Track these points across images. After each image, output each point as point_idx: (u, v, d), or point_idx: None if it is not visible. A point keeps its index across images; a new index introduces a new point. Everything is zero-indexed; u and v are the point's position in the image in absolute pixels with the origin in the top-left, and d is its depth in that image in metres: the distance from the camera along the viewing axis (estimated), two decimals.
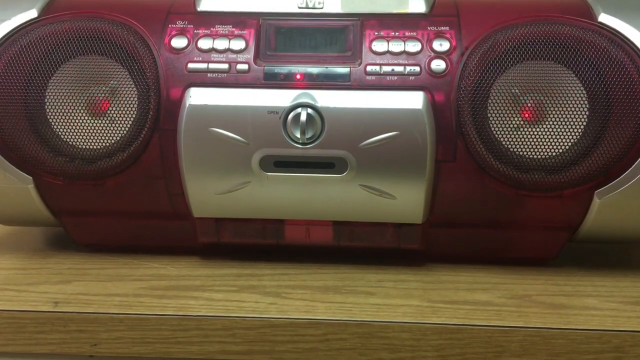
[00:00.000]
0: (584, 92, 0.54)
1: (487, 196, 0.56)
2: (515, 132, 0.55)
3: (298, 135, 0.54)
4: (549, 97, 0.54)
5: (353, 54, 0.56)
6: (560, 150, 0.55)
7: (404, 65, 0.55)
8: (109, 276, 0.58)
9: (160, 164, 0.57)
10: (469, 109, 0.54)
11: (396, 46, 0.56)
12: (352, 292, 0.55)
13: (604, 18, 0.55)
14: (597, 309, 0.52)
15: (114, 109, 0.57)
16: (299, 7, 0.59)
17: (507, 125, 0.55)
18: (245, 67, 0.56)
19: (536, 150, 0.55)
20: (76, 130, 0.57)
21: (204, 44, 0.57)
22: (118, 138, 0.57)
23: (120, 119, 0.57)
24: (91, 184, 0.58)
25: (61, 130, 0.57)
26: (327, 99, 0.54)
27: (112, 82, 0.57)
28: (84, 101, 0.57)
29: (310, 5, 0.58)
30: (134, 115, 0.56)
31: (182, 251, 0.63)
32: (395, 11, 0.58)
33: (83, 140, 0.57)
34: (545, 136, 0.54)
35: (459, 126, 0.54)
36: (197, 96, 0.55)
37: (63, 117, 0.57)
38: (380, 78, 0.55)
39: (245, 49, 0.56)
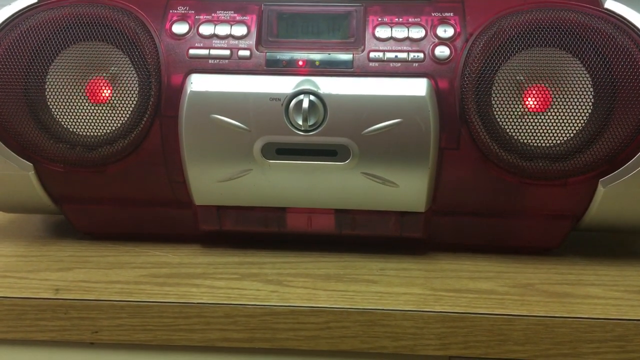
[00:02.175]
0: (589, 79, 0.53)
1: (491, 184, 0.56)
2: (519, 120, 0.54)
3: (300, 123, 0.53)
4: (554, 84, 0.54)
5: (356, 40, 0.56)
6: (565, 138, 0.54)
7: (408, 51, 0.54)
8: (110, 264, 0.58)
9: (161, 151, 0.57)
10: (473, 96, 0.54)
11: (400, 32, 0.55)
12: (354, 280, 0.55)
13: (610, 4, 0.55)
14: (601, 298, 0.52)
15: (114, 95, 0.56)
16: None
17: (511, 113, 0.54)
18: (247, 53, 0.55)
19: (540, 138, 0.54)
20: (77, 117, 0.57)
21: (206, 29, 0.56)
22: (119, 125, 0.57)
23: (121, 105, 0.56)
24: (92, 171, 0.58)
25: (62, 116, 0.57)
26: (330, 85, 0.54)
27: (112, 68, 0.56)
28: (84, 88, 0.57)
29: None
30: (134, 102, 0.56)
31: (184, 239, 0.63)
32: None
33: (84, 127, 0.57)
34: (550, 124, 0.54)
35: (463, 113, 0.54)
36: (198, 82, 0.54)
37: (63, 104, 0.57)
38: (383, 65, 0.54)
39: (247, 35, 0.56)
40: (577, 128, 0.54)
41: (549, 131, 0.54)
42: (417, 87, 0.53)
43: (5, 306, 0.51)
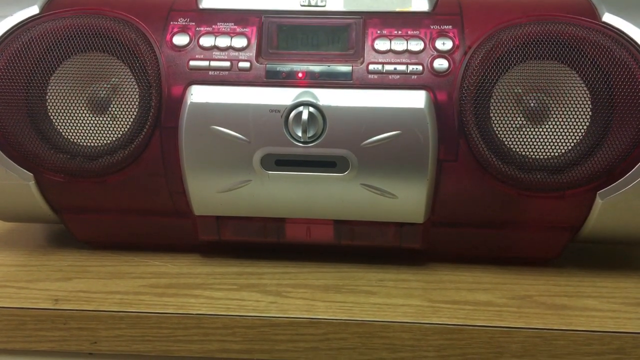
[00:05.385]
0: (587, 92, 0.53)
1: (489, 196, 0.56)
2: (517, 132, 0.54)
3: (299, 134, 0.54)
4: (552, 97, 0.54)
5: (355, 53, 0.56)
6: (563, 151, 0.54)
7: (407, 64, 0.55)
8: (110, 274, 0.58)
9: (162, 161, 0.57)
10: (471, 109, 0.54)
11: (399, 45, 0.55)
12: (352, 291, 0.55)
13: (608, 18, 0.55)
14: (598, 310, 0.52)
15: (115, 106, 0.57)
16: (301, 5, 0.58)
17: (509, 125, 0.54)
18: (247, 65, 0.56)
19: (539, 150, 0.54)
20: (77, 128, 0.57)
21: (206, 41, 0.57)
22: (119, 135, 0.57)
23: (122, 116, 0.57)
24: (92, 181, 0.58)
25: (62, 127, 0.57)
26: (329, 97, 0.54)
27: (113, 79, 0.57)
28: (85, 98, 0.57)
29: (313, 3, 0.58)
30: (135, 113, 0.56)
31: (183, 249, 0.63)
32: (398, 9, 0.58)
33: (84, 138, 0.57)
34: (548, 136, 0.54)
35: (461, 126, 0.54)
36: (198, 94, 0.55)
37: (64, 114, 0.57)
38: (382, 77, 0.55)
39: (247, 46, 0.56)
40: (575, 140, 0.54)
41: (547, 143, 0.54)
42: (416, 100, 0.54)
43: (4, 316, 0.51)
